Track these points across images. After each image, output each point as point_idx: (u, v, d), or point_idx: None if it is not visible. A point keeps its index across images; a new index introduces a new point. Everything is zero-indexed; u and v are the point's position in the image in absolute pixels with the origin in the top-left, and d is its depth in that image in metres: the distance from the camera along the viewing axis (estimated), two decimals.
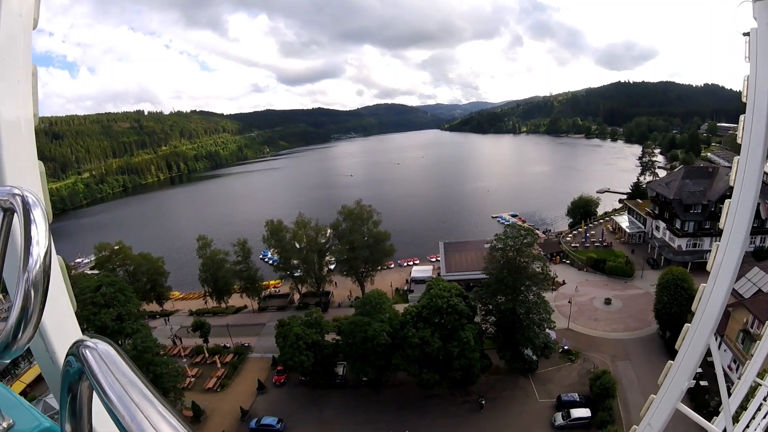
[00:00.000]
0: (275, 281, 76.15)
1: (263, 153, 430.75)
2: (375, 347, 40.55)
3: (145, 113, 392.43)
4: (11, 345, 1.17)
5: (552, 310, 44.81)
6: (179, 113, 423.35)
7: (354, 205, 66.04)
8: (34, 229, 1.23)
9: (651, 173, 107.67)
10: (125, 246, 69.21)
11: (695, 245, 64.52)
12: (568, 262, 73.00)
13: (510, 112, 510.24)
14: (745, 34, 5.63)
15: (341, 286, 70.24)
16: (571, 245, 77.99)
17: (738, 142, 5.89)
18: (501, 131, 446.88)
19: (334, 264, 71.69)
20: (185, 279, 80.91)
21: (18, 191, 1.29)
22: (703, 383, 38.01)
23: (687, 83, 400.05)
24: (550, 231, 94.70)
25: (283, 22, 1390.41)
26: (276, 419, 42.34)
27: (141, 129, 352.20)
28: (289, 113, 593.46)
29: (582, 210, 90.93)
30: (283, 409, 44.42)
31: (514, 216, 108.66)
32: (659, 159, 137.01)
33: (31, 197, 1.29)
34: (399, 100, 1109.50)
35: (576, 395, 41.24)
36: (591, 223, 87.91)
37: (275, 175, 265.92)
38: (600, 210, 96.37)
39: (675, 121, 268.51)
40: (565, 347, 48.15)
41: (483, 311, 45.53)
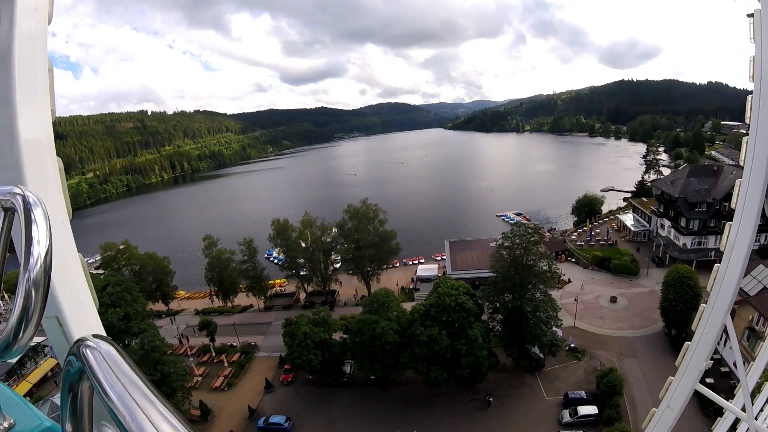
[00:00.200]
0: (280, 280, 76.43)
1: (266, 152, 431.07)
2: (383, 345, 40.64)
3: (149, 113, 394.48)
4: (12, 345, 1.17)
5: (559, 308, 44.88)
6: (182, 113, 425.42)
7: (360, 204, 66.30)
8: (35, 229, 1.21)
9: (655, 171, 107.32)
10: (131, 245, 69.31)
11: (700, 243, 64.41)
12: (573, 260, 72.99)
13: (513, 110, 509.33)
14: (750, 15, 5.69)
15: (346, 285, 70.59)
16: (577, 244, 78.00)
17: (746, 121, 5.95)
18: (504, 130, 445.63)
19: (339, 263, 71.98)
20: (190, 278, 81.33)
21: (19, 190, 1.27)
22: (709, 380, 38.03)
23: (691, 81, 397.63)
24: (554, 229, 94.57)
25: (286, 21, 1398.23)
26: (284, 418, 42.48)
27: (144, 129, 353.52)
28: (292, 113, 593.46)
29: (587, 208, 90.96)
30: (291, 408, 44.56)
31: (518, 215, 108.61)
32: (663, 157, 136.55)
33: (32, 197, 1.27)
34: (402, 99, 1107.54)
35: (583, 392, 41.34)
36: (596, 222, 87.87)
37: (278, 175, 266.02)
38: (604, 208, 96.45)
39: (679, 120, 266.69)
40: (572, 345, 48.22)
41: (490, 309, 45.64)
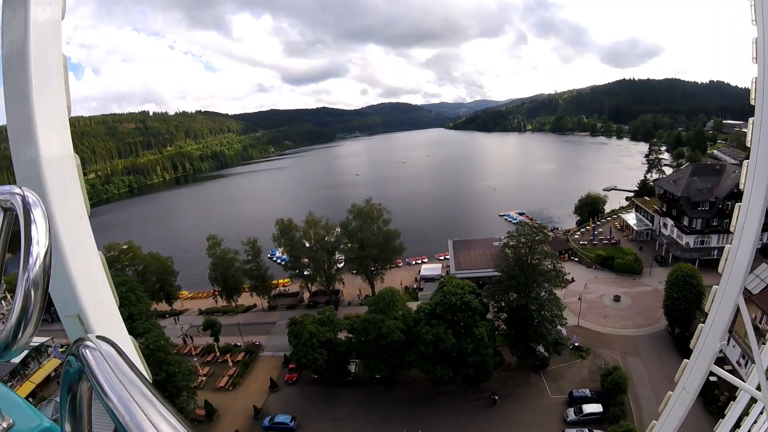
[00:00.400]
0: (284, 280, 76.54)
1: (268, 153, 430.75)
2: (389, 344, 40.74)
3: (150, 114, 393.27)
4: (12, 345, 1.18)
5: (563, 306, 44.99)
6: (184, 113, 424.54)
7: (364, 204, 66.39)
8: (34, 229, 1.22)
9: (658, 171, 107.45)
10: (134, 245, 69.37)
11: (703, 242, 64.46)
12: (576, 259, 73.09)
13: (515, 110, 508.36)
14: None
15: (350, 284, 70.58)
16: (580, 243, 78.09)
17: (751, 102, 5.84)
18: (506, 129, 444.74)
19: (342, 262, 72.13)
20: (194, 278, 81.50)
21: (18, 190, 1.28)
22: (713, 378, 37.97)
23: (692, 80, 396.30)
24: (557, 229, 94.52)
25: (287, 21, 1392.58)
26: (289, 417, 42.51)
27: (146, 129, 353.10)
28: (294, 113, 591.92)
29: (589, 208, 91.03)
30: (296, 407, 44.62)
31: (521, 214, 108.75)
32: (665, 156, 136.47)
33: (32, 197, 1.28)
34: (403, 98, 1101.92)
35: (587, 391, 41.47)
36: (599, 221, 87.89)
37: (280, 175, 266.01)
38: (607, 208, 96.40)
39: (680, 119, 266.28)
40: (576, 344, 48.33)
41: (495, 308, 45.77)
